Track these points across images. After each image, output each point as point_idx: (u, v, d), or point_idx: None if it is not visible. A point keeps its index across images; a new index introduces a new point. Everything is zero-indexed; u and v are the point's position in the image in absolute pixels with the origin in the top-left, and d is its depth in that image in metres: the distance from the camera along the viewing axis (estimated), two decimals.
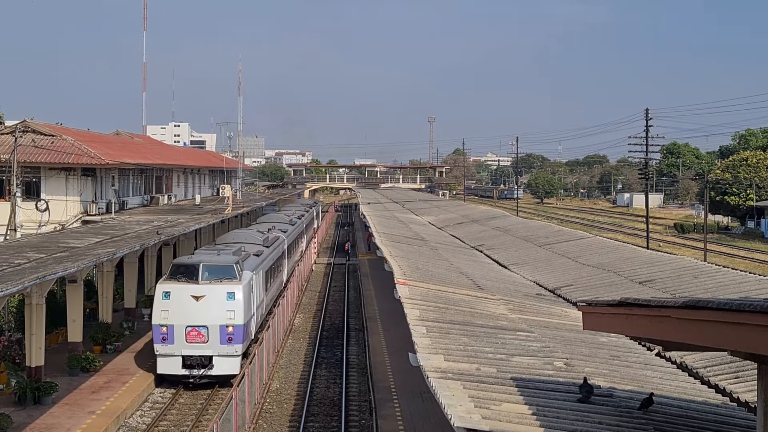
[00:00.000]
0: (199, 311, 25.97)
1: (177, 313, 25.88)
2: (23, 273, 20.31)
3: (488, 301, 21.98)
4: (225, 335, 26.01)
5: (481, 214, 66.01)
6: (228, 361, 26.25)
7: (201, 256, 28.99)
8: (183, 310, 25.91)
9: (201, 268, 26.66)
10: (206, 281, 26.41)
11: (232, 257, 28.43)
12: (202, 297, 26.09)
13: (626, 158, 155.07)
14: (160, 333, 26.01)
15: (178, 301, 25.97)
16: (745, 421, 11.86)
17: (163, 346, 26.01)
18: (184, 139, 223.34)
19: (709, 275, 24.50)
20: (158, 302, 26.23)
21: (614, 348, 16.85)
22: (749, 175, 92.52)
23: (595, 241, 38.44)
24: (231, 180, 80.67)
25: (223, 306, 26.09)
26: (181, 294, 26.11)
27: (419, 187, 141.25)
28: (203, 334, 25.96)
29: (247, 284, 27.44)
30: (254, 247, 33.91)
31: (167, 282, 26.86)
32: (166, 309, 25.92)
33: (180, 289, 26.22)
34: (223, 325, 26.01)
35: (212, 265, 27.05)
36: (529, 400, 11.40)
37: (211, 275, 26.63)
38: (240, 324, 26.22)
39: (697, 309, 7.37)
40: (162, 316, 25.96)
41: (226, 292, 26.25)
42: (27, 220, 39.70)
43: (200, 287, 26.22)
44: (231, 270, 27.09)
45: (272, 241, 38.47)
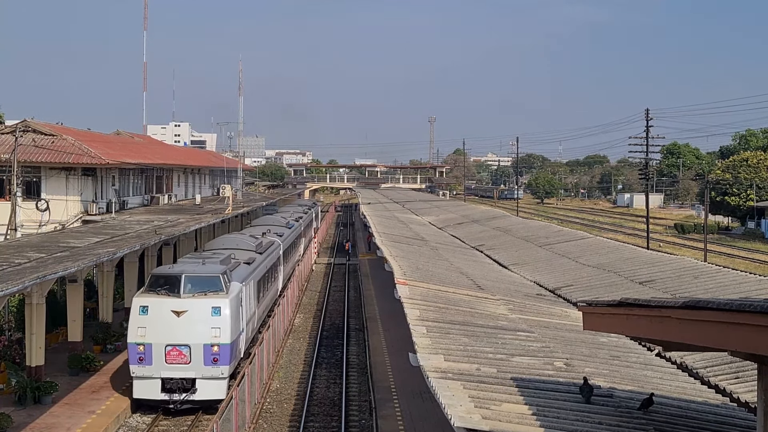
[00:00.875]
0: (180, 328, 23.38)
1: (156, 330, 23.33)
2: (23, 272, 20.32)
3: (488, 301, 21.98)
4: (210, 355, 23.44)
5: (481, 214, 66.01)
6: (213, 384, 23.62)
7: (184, 265, 26.06)
8: (162, 326, 23.36)
9: (183, 279, 23.98)
10: (189, 294, 23.79)
11: (219, 267, 25.70)
12: (184, 312, 23.46)
13: (627, 158, 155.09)
14: (136, 352, 23.39)
15: (157, 317, 23.41)
16: (745, 421, 11.86)
17: (139, 368, 23.38)
18: (184, 139, 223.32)
19: (709, 276, 24.50)
20: (135, 318, 23.57)
21: (614, 348, 16.85)
22: (749, 175, 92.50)
23: (595, 242, 38.44)
24: (231, 180, 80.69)
25: (208, 322, 23.51)
26: (160, 309, 23.52)
27: (419, 187, 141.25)
28: (185, 354, 23.38)
29: (236, 297, 24.84)
30: (245, 254, 31.42)
31: (145, 295, 24.22)
32: (143, 325, 23.36)
33: (159, 303, 23.63)
34: (207, 344, 23.42)
35: (196, 277, 24.41)
36: (529, 400, 11.41)
37: (195, 288, 24.05)
38: (226, 343, 23.58)
39: (698, 309, 7.37)
40: (139, 334, 23.37)
41: (211, 307, 23.68)
42: (27, 219, 39.70)
43: (182, 301, 23.60)
44: (217, 282, 24.44)
45: (266, 247, 35.76)
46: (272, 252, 36.96)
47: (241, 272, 27.63)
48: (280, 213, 61.29)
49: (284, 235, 43.82)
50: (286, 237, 43.88)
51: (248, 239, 34.79)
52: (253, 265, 30.35)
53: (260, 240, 35.99)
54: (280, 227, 46.36)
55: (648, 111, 66.17)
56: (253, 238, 35.58)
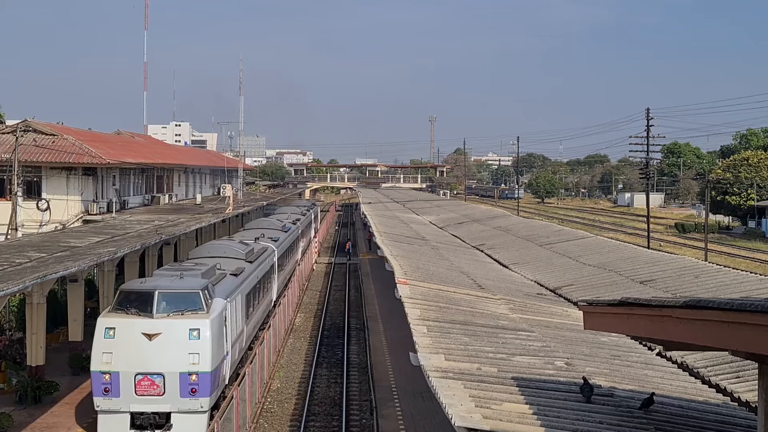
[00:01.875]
0: (152, 354, 20.19)
1: (124, 356, 20.15)
2: (24, 272, 20.33)
3: (489, 300, 21.98)
4: (187, 385, 20.24)
5: (482, 213, 66.03)
6: (191, 419, 20.43)
7: (159, 279, 22.57)
8: (132, 352, 20.20)
9: (156, 296, 20.76)
10: (163, 314, 20.62)
11: (200, 281, 22.24)
12: (157, 335, 20.30)
13: (627, 158, 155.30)
14: (101, 382, 20.16)
15: (125, 341, 20.25)
16: (746, 420, 11.86)
17: (105, 400, 20.19)
18: (185, 139, 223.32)
19: (709, 275, 24.49)
20: (99, 342, 20.40)
21: (615, 347, 16.85)
22: (750, 174, 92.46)
23: (595, 241, 38.44)
24: (232, 179, 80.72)
25: (185, 347, 20.32)
26: (129, 331, 20.35)
27: (420, 187, 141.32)
28: (158, 384, 20.19)
29: (218, 317, 21.64)
30: (233, 263, 28.04)
31: (112, 315, 20.98)
32: (109, 350, 20.17)
33: (128, 324, 20.43)
34: (184, 372, 20.20)
35: (171, 293, 21.13)
36: (530, 400, 11.40)
37: (170, 306, 20.86)
38: (207, 371, 20.34)
39: (698, 309, 7.37)
40: (104, 360, 20.15)
41: (189, 329, 20.49)
42: (28, 219, 39.73)
43: (155, 322, 20.41)
44: (196, 298, 21.17)
45: (258, 254, 32.38)
46: (265, 260, 33.82)
47: (227, 286, 24.49)
48: (277, 215, 57.88)
49: (280, 239, 40.76)
50: (281, 242, 40.86)
51: (237, 246, 31.27)
52: (242, 277, 27.15)
53: (251, 247, 32.38)
54: (276, 231, 43.30)
55: (648, 110, 66.22)
56: (243, 245, 31.91)
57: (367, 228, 62.06)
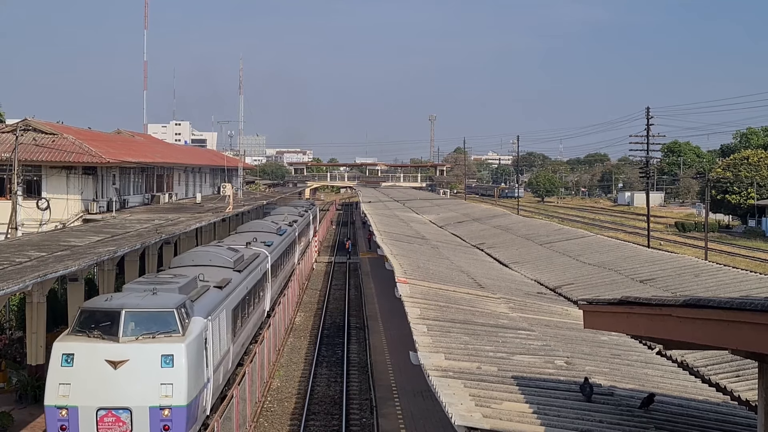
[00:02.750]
0: (118, 385, 17.17)
1: (84, 388, 17.05)
2: (24, 271, 20.34)
3: (489, 299, 21.99)
4: (158, 422, 17.31)
5: (482, 212, 66.04)
6: None
7: (127, 295, 19.12)
8: (94, 383, 17.12)
9: (123, 316, 17.65)
10: (131, 337, 17.56)
11: (176, 297, 19.20)
12: (124, 363, 17.19)
13: (627, 157, 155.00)
14: (56, 419, 17.02)
15: (86, 370, 17.13)
16: (746, 419, 11.87)
17: None
18: (185, 138, 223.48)
19: (710, 274, 24.51)
20: (56, 370, 17.18)
21: (615, 347, 16.86)
22: (750, 173, 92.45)
23: (595, 240, 38.45)
24: (232, 178, 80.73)
25: (157, 376, 17.33)
26: (91, 358, 17.21)
27: (420, 186, 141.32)
28: (124, 421, 17.22)
29: (196, 339, 18.62)
30: (219, 273, 25.00)
31: (71, 338, 17.68)
32: (67, 381, 17.03)
33: (90, 350, 17.28)
34: (155, 406, 17.26)
35: (141, 312, 18.05)
36: (530, 399, 11.41)
37: (140, 328, 17.82)
38: (182, 405, 17.37)
39: (698, 308, 7.37)
40: (61, 393, 16.99)
41: (161, 355, 17.46)
42: (28, 218, 39.76)
43: (121, 347, 17.29)
44: (170, 318, 18.15)
45: (249, 261, 29.36)
46: (256, 267, 30.74)
47: (209, 301, 21.39)
48: (272, 216, 54.60)
49: (274, 244, 37.75)
50: (276, 246, 37.88)
51: (225, 253, 28.11)
52: (228, 289, 24.02)
53: (241, 253, 29.40)
54: (270, 234, 40.42)
55: (649, 109, 66.17)
56: (231, 251, 28.81)
57: (367, 227, 62.06)
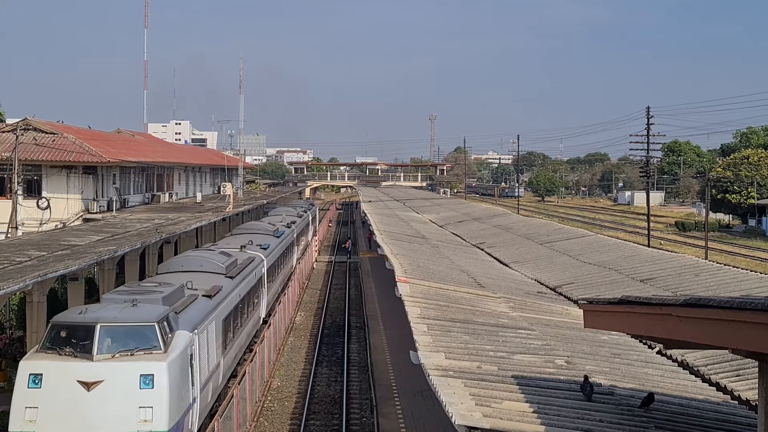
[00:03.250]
0: (92, 409, 15.34)
1: (54, 413, 15.22)
2: (24, 271, 20.35)
3: (489, 299, 22.00)
4: None
5: (482, 212, 66.04)
6: None
7: (104, 308, 17.17)
8: (64, 407, 15.25)
9: (98, 331, 15.77)
10: (106, 355, 15.67)
11: (158, 309, 17.31)
12: (98, 384, 15.35)
13: (627, 156, 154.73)
14: None
15: (56, 392, 15.22)
16: (746, 419, 11.87)
17: None
18: (185, 137, 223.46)
19: (710, 273, 24.51)
20: (22, 392, 15.35)
21: (615, 346, 16.86)
22: (750, 173, 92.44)
23: (596, 239, 38.45)
24: (232, 178, 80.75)
25: (135, 399, 15.46)
26: (62, 378, 15.33)
27: (420, 185, 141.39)
28: None
29: (180, 356, 16.74)
30: (209, 281, 23.05)
31: (40, 356, 15.78)
32: (34, 405, 15.19)
33: (60, 369, 15.39)
34: None
35: (118, 327, 16.18)
36: (530, 398, 11.41)
37: (116, 344, 15.94)
38: (162, 431, 15.68)
39: (698, 307, 7.38)
40: (27, 419, 15.16)
41: (140, 375, 15.64)
42: (28, 218, 39.78)
43: (95, 366, 15.43)
44: (150, 333, 16.32)
45: (242, 267, 27.43)
46: (251, 272, 28.94)
47: (196, 312, 19.50)
48: (269, 217, 52.63)
49: (270, 247, 35.64)
50: (272, 250, 35.89)
51: (216, 258, 25.99)
52: (218, 298, 22.09)
53: (234, 258, 27.34)
54: (266, 236, 38.50)
55: (649, 109, 66.17)
56: (224, 256, 26.70)
57: (367, 226, 62.07)
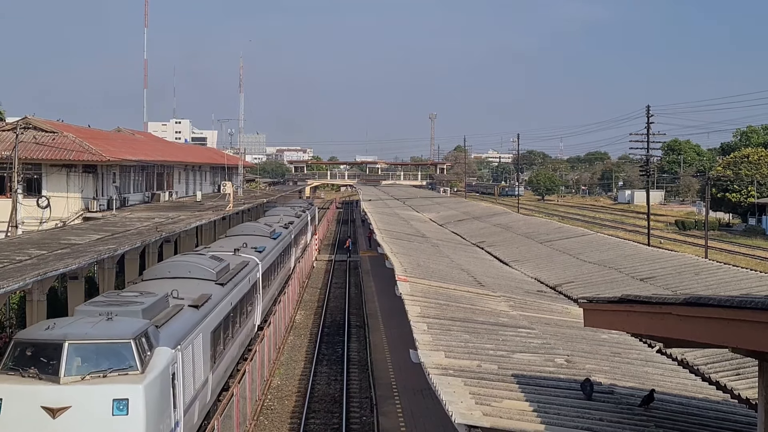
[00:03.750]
0: None
1: None
2: (24, 270, 20.35)
3: (489, 298, 21.99)
4: None
5: (482, 211, 66.02)
6: None
7: (74, 322, 15.09)
8: None
9: (66, 351, 13.73)
10: (75, 377, 13.66)
11: (136, 323, 15.25)
12: (65, 410, 13.40)
13: (627, 155, 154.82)
14: None
15: (17, 420, 13.37)
16: (746, 418, 11.87)
17: None
18: (185, 136, 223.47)
19: (710, 272, 24.50)
20: None
21: (615, 345, 16.86)
22: (750, 172, 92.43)
23: (596, 238, 38.43)
24: (232, 177, 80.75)
25: (106, 427, 13.59)
26: (24, 404, 13.45)
27: (420, 184, 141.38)
28: None
29: (159, 377, 14.67)
30: (198, 288, 21.01)
31: (1, 378, 13.83)
32: None
33: (23, 394, 13.52)
34: None
35: (89, 344, 14.13)
36: (530, 397, 11.41)
37: (87, 365, 13.90)
38: None
39: (699, 306, 7.37)
40: None
41: (113, 400, 13.68)
42: (28, 216, 39.78)
43: (62, 390, 13.50)
44: (126, 352, 14.27)
45: (235, 272, 25.41)
46: (245, 277, 26.93)
47: (181, 324, 17.53)
48: (266, 218, 50.98)
49: (266, 249, 33.69)
50: (268, 253, 33.93)
51: (207, 263, 23.96)
52: (207, 307, 20.07)
53: (226, 263, 25.28)
54: (262, 238, 36.61)
55: (649, 108, 66.17)
56: (215, 261, 24.70)
57: (367, 225, 62.07)
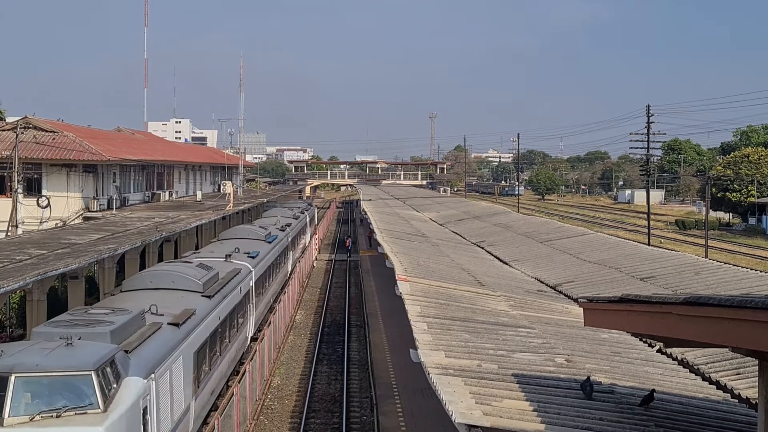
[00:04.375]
0: None
1: None
2: (25, 269, 20.35)
3: (489, 297, 21.98)
4: None
5: (482, 210, 66.01)
6: None
7: (26, 350, 12.53)
8: None
9: (12, 385, 11.54)
10: (22, 418, 11.43)
11: (100, 350, 12.70)
12: None
13: (627, 155, 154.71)
14: None
15: None
16: (747, 417, 11.87)
17: None
18: (185, 136, 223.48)
19: (710, 272, 24.49)
20: None
21: (615, 344, 16.85)
22: (751, 171, 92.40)
23: (596, 238, 38.42)
24: (232, 176, 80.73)
25: None
26: None
27: (420, 184, 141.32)
28: None
29: (126, 415, 12.29)
30: (180, 303, 18.57)
31: None
32: None
33: None
34: None
35: (41, 377, 11.81)
36: (530, 397, 11.41)
37: (38, 401, 11.65)
38: None
39: (699, 305, 7.37)
40: None
41: None
42: (28, 216, 39.77)
43: None
44: (85, 386, 11.86)
45: (224, 282, 22.89)
46: (235, 288, 24.30)
47: (156, 348, 14.83)
48: (262, 220, 48.58)
49: (260, 255, 31.19)
50: (262, 258, 31.48)
51: (193, 273, 21.39)
52: (189, 325, 17.42)
53: (215, 271, 22.87)
54: (256, 242, 34.27)
55: (649, 107, 66.15)
56: (201, 270, 22.08)
57: (367, 224, 62.05)
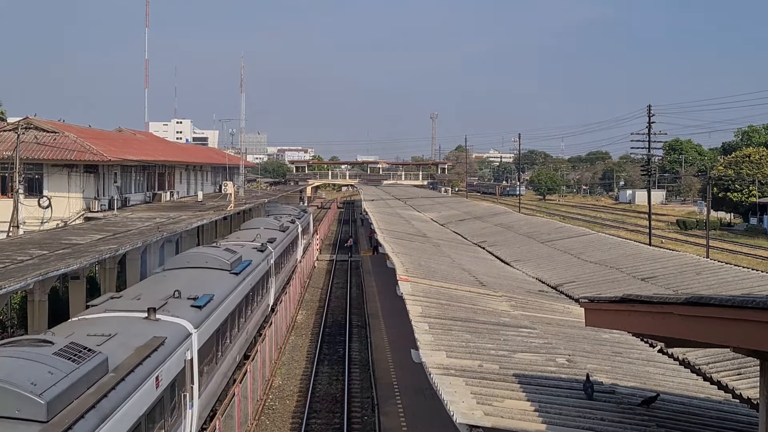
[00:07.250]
0: None
1: None
2: (26, 270, 20.35)
3: (490, 297, 21.98)
4: None
5: (483, 210, 65.99)
6: None
7: None
8: None
9: None
10: None
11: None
12: None
13: (629, 155, 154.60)
14: None
15: None
16: (748, 417, 11.86)
17: None
18: (186, 136, 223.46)
19: (711, 272, 24.47)
20: None
21: (616, 344, 16.85)
22: (752, 171, 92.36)
23: (597, 238, 38.40)
24: (233, 177, 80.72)
25: None
26: None
27: (421, 184, 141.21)
28: None
29: None
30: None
31: None
32: None
33: None
34: None
35: None
36: (531, 397, 11.40)
37: None
38: None
39: (700, 305, 7.36)
40: None
41: None
42: (29, 216, 39.78)
43: None
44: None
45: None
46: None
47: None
48: (240, 232, 40.06)
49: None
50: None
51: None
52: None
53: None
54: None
55: (650, 107, 66.09)
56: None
57: (368, 225, 62.03)
